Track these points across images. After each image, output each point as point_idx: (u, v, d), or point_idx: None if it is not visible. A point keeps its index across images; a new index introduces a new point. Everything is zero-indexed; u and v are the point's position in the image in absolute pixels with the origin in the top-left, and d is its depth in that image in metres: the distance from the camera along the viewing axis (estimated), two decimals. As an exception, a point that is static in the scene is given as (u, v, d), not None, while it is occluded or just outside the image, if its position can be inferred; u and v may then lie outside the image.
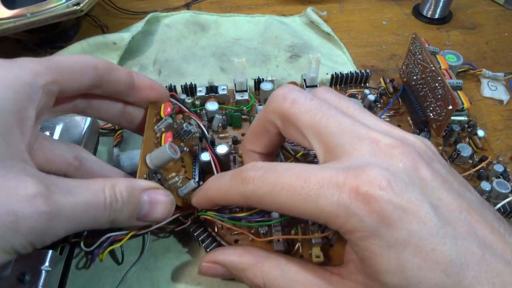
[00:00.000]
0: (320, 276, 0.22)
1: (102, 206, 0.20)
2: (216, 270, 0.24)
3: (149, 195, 0.23)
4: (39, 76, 0.21)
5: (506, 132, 0.39)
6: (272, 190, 0.20)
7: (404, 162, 0.19)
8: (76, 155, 0.26)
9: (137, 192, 0.22)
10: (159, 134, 0.28)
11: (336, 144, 0.21)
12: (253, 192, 0.21)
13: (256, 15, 0.52)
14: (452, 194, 0.19)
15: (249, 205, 0.23)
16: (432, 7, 0.52)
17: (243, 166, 0.22)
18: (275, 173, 0.20)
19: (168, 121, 0.28)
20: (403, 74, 0.41)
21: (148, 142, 0.27)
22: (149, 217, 0.23)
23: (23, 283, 0.22)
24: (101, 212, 0.20)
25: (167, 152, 0.24)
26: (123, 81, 0.26)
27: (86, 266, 0.28)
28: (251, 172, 0.21)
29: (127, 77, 0.26)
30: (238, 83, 0.37)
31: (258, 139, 0.27)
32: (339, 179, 0.19)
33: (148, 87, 0.28)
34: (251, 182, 0.21)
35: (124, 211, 0.21)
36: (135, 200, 0.22)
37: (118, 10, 0.53)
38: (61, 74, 0.22)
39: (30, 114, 0.20)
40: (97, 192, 0.20)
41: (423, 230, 0.17)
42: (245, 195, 0.21)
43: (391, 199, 0.18)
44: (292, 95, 0.23)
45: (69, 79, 0.23)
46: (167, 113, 0.28)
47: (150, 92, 0.28)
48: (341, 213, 0.18)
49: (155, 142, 0.27)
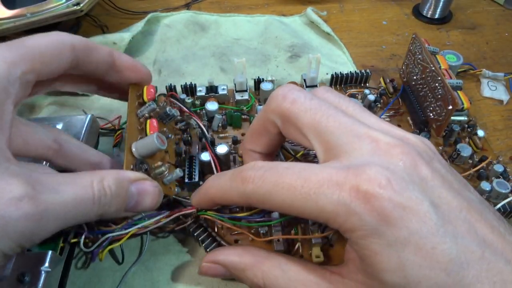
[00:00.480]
0: (320, 275, 0.22)
1: (91, 201, 0.20)
2: (216, 270, 0.24)
3: (137, 186, 0.23)
4: (14, 66, 0.20)
5: (506, 132, 0.39)
6: (272, 189, 0.20)
7: (404, 161, 0.19)
8: (55, 138, 0.25)
9: (125, 184, 0.22)
10: (143, 119, 0.27)
11: (336, 143, 0.21)
12: (253, 191, 0.21)
13: (256, 15, 0.52)
14: (452, 193, 0.19)
15: (249, 204, 0.23)
16: (432, 7, 0.52)
17: (243, 166, 0.22)
18: (275, 172, 0.20)
19: (152, 106, 0.27)
20: (403, 74, 0.41)
21: (131, 129, 0.26)
22: (137, 208, 0.23)
23: (22, 283, 0.22)
24: (90, 207, 0.20)
25: (154, 143, 0.24)
26: (102, 61, 0.25)
27: (85, 267, 0.28)
28: (251, 172, 0.21)
29: (107, 57, 0.26)
30: (238, 83, 0.37)
31: (258, 139, 0.27)
32: (339, 178, 0.19)
33: (130, 67, 0.27)
34: (251, 181, 0.21)
35: (113, 204, 0.21)
36: (123, 193, 0.22)
37: (118, 10, 0.53)
38: (37, 60, 0.21)
39: (7, 109, 0.20)
40: (86, 187, 0.20)
41: (423, 228, 0.17)
42: (245, 195, 0.21)
43: (391, 197, 0.18)
44: (292, 94, 0.23)
45: (45, 65, 0.22)
46: (150, 98, 0.27)
47: (131, 73, 0.27)
48: (341, 212, 0.18)
49: (138, 128, 0.27)
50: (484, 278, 0.17)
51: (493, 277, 0.17)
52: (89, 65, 0.25)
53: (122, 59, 0.27)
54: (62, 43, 0.23)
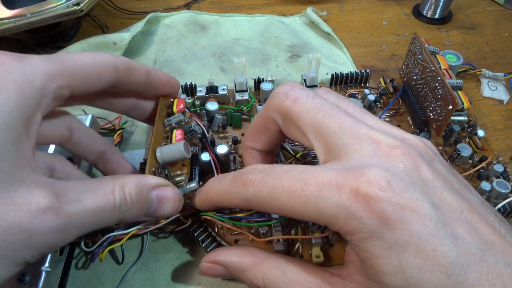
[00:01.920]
0: (320, 277, 0.21)
1: (112, 209, 0.20)
2: (216, 270, 0.24)
3: (157, 192, 0.23)
4: (51, 80, 0.20)
5: (506, 132, 0.39)
6: (273, 193, 0.20)
7: (405, 162, 0.19)
8: (68, 126, 0.25)
9: (146, 190, 0.22)
10: (169, 128, 0.28)
11: (337, 144, 0.21)
12: (254, 195, 0.21)
13: (256, 15, 0.53)
14: (453, 194, 0.19)
15: (250, 208, 0.23)
16: (432, 7, 0.52)
17: (243, 169, 0.22)
18: (274, 175, 0.20)
19: (179, 118, 0.28)
20: (403, 74, 0.41)
21: (158, 135, 0.27)
22: (157, 214, 0.23)
23: (23, 283, 0.22)
24: (110, 215, 0.20)
25: (181, 150, 0.25)
26: (141, 80, 0.26)
27: (85, 267, 0.28)
28: (252, 175, 0.21)
29: (146, 76, 0.26)
30: (238, 83, 0.37)
31: (258, 137, 0.27)
32: (338, 180, 0.19)
33: (165, 83, 0.28)
34: (251, 185, 0.21)
35: (133, 210, 0.21)
36: (144, 199, 0.22)
37: (118, 10, 0.53)
38: (76, 78, 0.21)
39: (36, 119, 0.20)
40: (107, 195, 0.20)
41: (424, 230, 0.17)
42: (246, 199, 0.21)
43: (391, 199, 0.18)
44: (294, 93, 0.23)
45: (83, 83, 0.22)
46: (179, 110, 0.28)
47: (165, 88, 0.28)
48: (341, 215, 0.18)
49: (163, 136, 0.27)
50: (485, 280, 0.17)
51: (493, 279, 0.17)
52: (128, 84, 0.25)
53: (158, 76, 0.27)
54: (105, 64, 0.23)
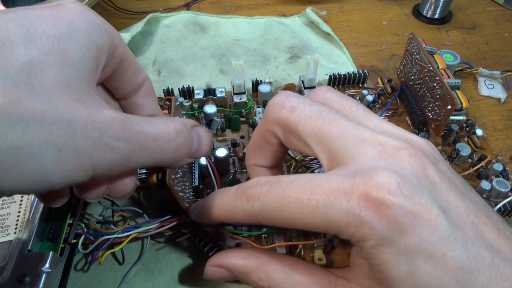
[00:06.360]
0: (325, 278, 0.21)
1: (169, 139, 0.20)
2: (221, 274, 0.24)
3: (196, 131, 0.23)
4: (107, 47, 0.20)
5: (506, 132, 0.39)
6: (279, 205, 0.19)
7: (412, 164, 0.19)
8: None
9: (190, 128, 0.22)
10: None
11: (340, 149, 0.20)
12: (260, 209, 0.20)
13: (256, 17, 0.53)
14: (459, 196, 0.19)
15: (256, 223, 0.22)
16: (432, 7, 0.52)
17: (246, 182, 0.22)
18: (279, 187, 0.20)
19: None
20: (401, 74, 0.41)
21: None
22: (198, 153, 0.23)
23: (23, 284, 0.22)
24: (168, 145, 0.20)
25: None
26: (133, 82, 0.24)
27: (84, 269, 0.29)
28: (256, 188, 0.20)
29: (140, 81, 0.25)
30: (236, 85, 0.37)
31: (260, 152, 0.25)
32: (346, 186, 0.18)
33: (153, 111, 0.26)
34: (256, 199, 0.20)
35: (185, 146, 0.21)
36: (190, 135, 0.22)
37: (118, 10, 0.53)
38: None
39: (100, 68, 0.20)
40: (164, 126, 0.20)
41: (434, 235, 0.17)
42: (252, 213, 0.21)
43: (402, 203, 0.17)
44: (290, 102, 0.22)
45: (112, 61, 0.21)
46: None
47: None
48: (351, 222, 0.18)
49: None
50: (494, 284, 0.17)
51: (502, 283, 0.17)
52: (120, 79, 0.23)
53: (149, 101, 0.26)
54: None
